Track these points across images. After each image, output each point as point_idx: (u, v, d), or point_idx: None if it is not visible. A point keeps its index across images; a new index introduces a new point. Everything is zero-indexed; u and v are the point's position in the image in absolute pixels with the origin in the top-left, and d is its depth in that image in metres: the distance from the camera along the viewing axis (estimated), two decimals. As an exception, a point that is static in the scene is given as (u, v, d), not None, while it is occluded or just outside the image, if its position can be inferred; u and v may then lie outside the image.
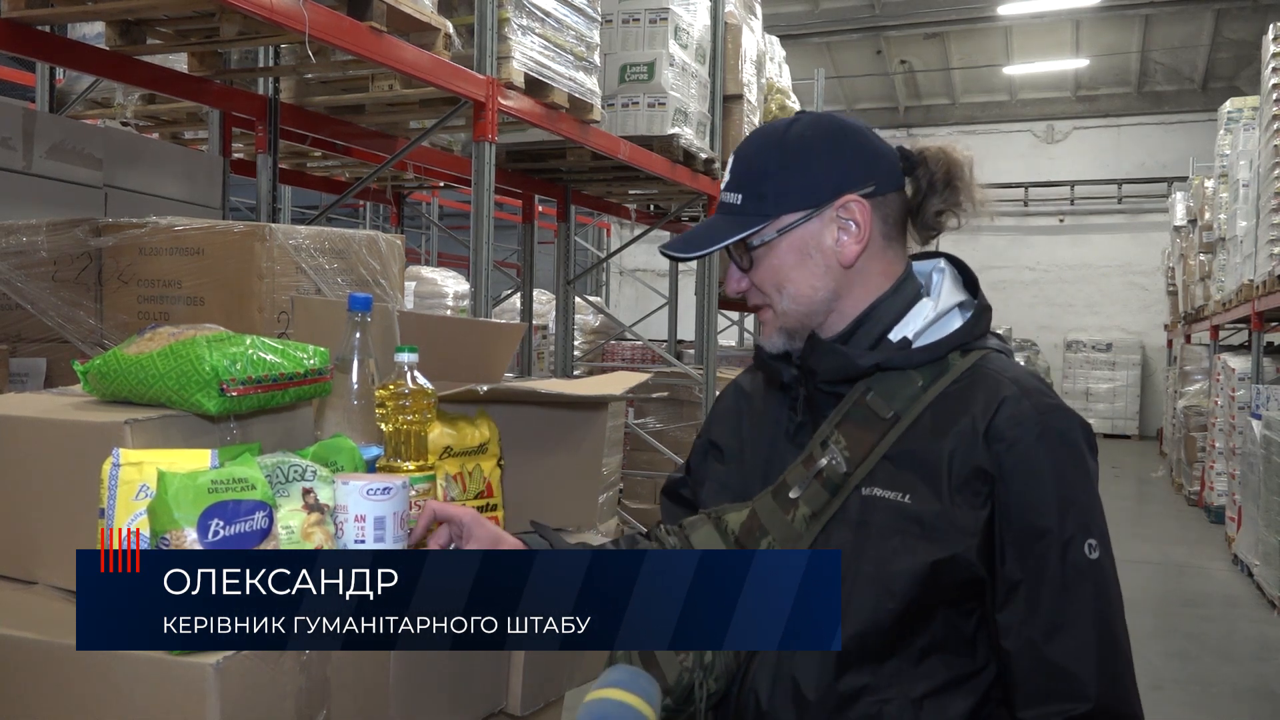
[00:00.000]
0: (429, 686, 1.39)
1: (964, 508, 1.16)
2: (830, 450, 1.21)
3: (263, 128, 4.06)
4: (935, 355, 1.22)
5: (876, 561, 1.17)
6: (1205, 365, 10.47)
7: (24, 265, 2.49)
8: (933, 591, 1.16)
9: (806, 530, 1.20)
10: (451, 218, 13.64)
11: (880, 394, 1.21)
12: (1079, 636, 1.14)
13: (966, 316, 1.26)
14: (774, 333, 1.28)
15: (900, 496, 1.17)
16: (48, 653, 1.16)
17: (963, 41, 15.03)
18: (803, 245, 1.25)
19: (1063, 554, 1.15)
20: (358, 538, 1.31)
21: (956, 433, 1.17)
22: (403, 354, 1.42)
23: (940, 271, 1.30)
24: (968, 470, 1.16)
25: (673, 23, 5.05)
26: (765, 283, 1.27)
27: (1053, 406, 1.19)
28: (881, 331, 1.25)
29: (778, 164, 1.25)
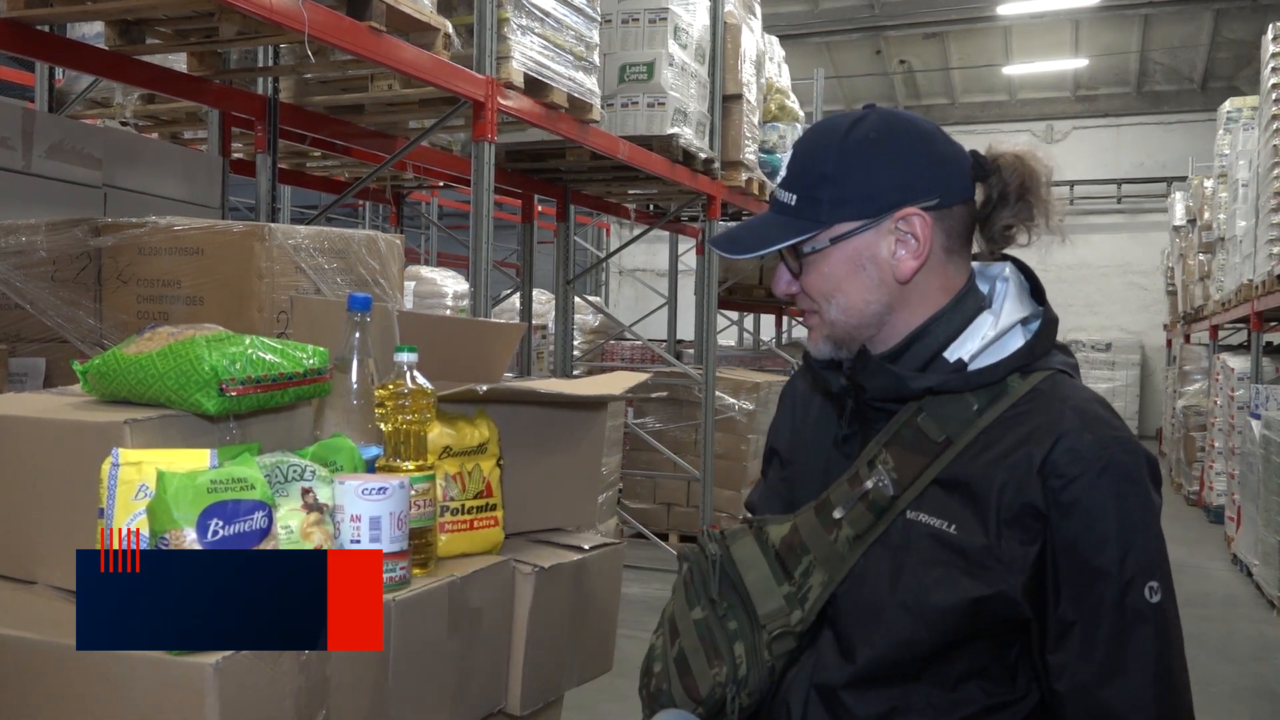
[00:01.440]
0: (428, 686, 1.39)
1: (1012, 543, 1.10)
2: (877, 471, 1.17)
3: (262, 127, 4.05)
4: (992, 379, 1.16)
5: (915, 591, 1.13)
6: (1204, 365, 10.47)
7: (23, 265, 2.48)
8: (972, 625, 1.12)
9: (850, 552, 1.17)
10: (451, 217, 13.64)
11: (932, 416, 1.16)
12: (1137, 682, 1.09)
13: (1030, 333, 1.20)
14: (820, 340, 1.23)
15: (945, 525, 1.12)
16: (47, 652, 1.16)
17: (962, 41, 15.02)
18: (856, 256, 1.19)
19: (1122, 596, 1.09)
20: (354, 537, 1.31)
21: (1010, 464, 1.11)
22: (402, 354, 1.42)
23: (1005, 280, 1.23)
24: (1018, 505, 1.10)
25: (672, 22, 5.05)
26: (814, 290, 1.21)
27: (1116, 440, 1.12)
28: (936, 350, 1.19)
29: (836, 167, 1.18)
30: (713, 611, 1.21)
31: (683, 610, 1.24)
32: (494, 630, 1.52)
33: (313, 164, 5.99)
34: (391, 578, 1.33)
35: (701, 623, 1.22)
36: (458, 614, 1.44)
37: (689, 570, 1.27)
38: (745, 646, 1.18)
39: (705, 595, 1.23)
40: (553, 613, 1.60)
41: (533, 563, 1.57)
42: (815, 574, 1.18)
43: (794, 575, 1.19)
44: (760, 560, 1.21)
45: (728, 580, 1.22)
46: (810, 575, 1.18)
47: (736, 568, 1.22)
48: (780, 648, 1.18)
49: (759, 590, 1.20)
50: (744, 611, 1.20)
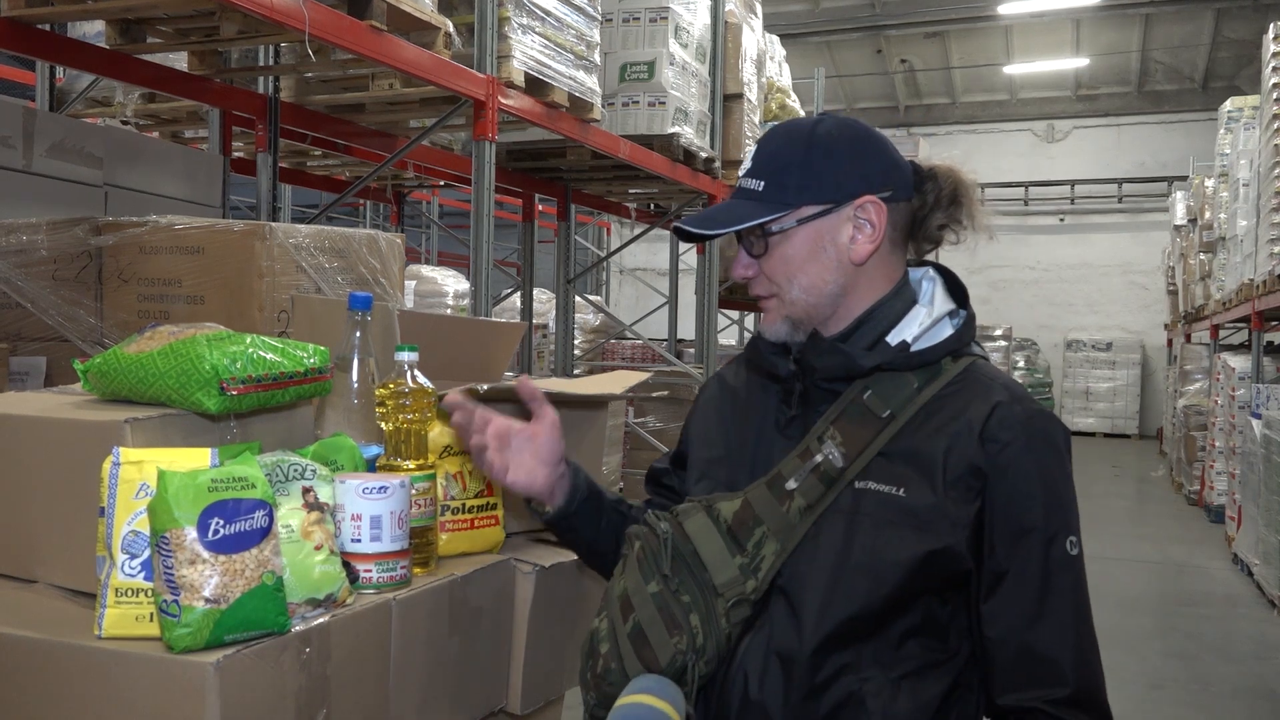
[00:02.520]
0: (429, 685, 1.39)
1: (957, 502, 1.21)
2: (826, 445, 1.26)
3: (263, 126, 4.06)
4: (931, 359, 1.28)
5: (870, 551, 1.22)
6: (1205, 364, 10.47)
7: (24, 264, 2.49)
8: (921, 580, 1.21)
9: (801, 521, 1.25)
10: (451, 216, 13.64)
11: (877, 394, 1.26)
12: (1060, 626, 1.22)
13: (957, 325, 1.32)
14: (778, 321, 1.32)
15: (895, 490, 1.22)
16: (47, 651, 1.16)
17: (963, 41, 15.02)
18: (819, 238, 1.29)
19: (1047, 549, 1.22)
20: (354, 536, 1.31)
21: (952, 432, 1.23)
22: (403, 353, 1.42)
23: (931, 280, 1.36)
24: (962, 467, 1.22)
25: (673, 22, 5.05)
26: (776, 271, 1.30)
27: (1039, 411, 1.26)
28: (880, 333, 1.30)
29: (803, 157, 1.29)
30: (666, 586, 1.26)
31: (637, 585, 1.27)
32: (494, 629, 1.52)
33: (313, 163, 5.99)
34: (392, 577, 1.33)
35: (658, 595, 1.26)
36: (458, 613, 1.44)
37: (641, 548, 1.31)
38: (700, 616, 1.23)
39: (658, 571, 1.27)
40: (553, 612, 1.60)
41: (533, 562, 1.57)
42: (768, 544, 1.25)
43: (746, 547, 1.26)
44: (713, 533, 1.27)
45: (680, 556, 1.27)
46: (763, 546, 1.25)
47: (690, 541, 1.27)
48: (736, 615, 1.24)
49: (714, 561, 1.26)
50: (696, 584, 1.25)
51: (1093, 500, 10.07)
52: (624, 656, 1.25)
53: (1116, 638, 5.31)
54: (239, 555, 1.12)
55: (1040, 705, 1.21)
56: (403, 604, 1.33)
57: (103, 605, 1.15)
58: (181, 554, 1.10)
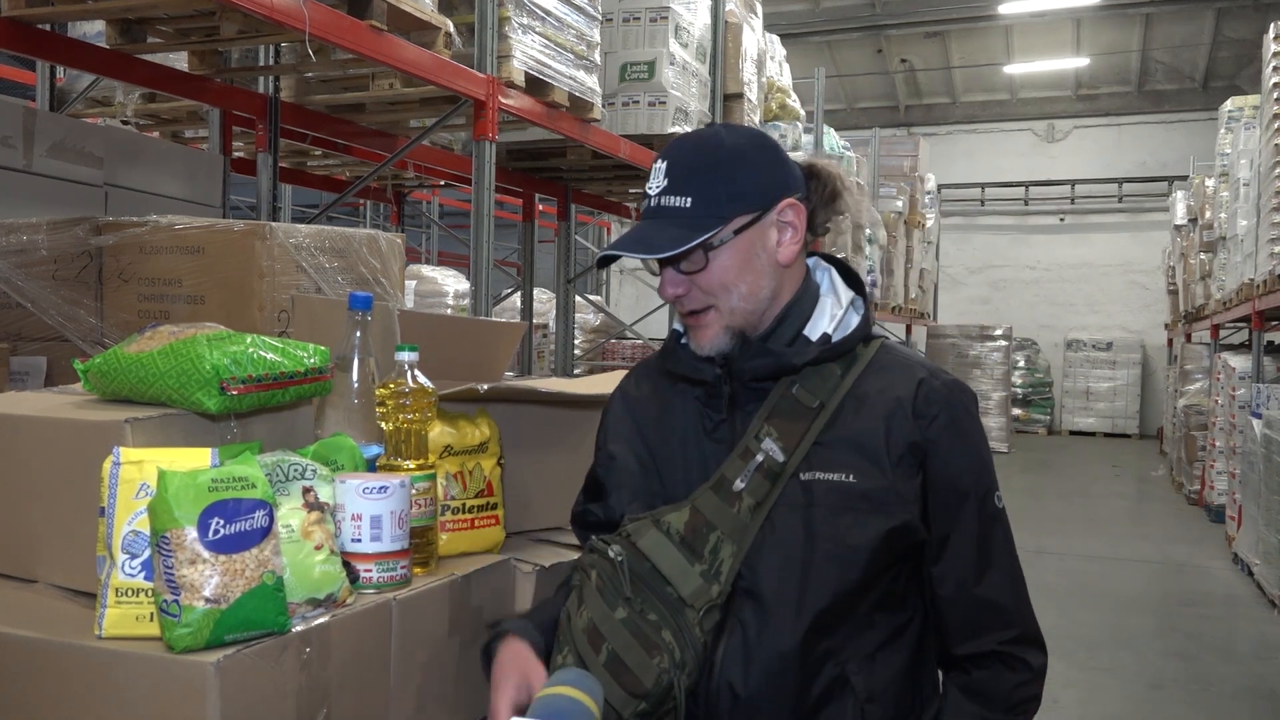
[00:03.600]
0: (429, 685, 1.40)
1: (904, 478, 1.28)
2: (765, 442, 1.29)
3: (263, 126, 4.06)
4: (849, 348, 1.34)
5: (833, 539, 1.26)
6: (1205, 364, 10.46)
7: (24, 264, 2.49)
8: (885, 558, 1.27)
9: (752, 519, 1.27)
10: (452, 216, 13.64)
11: (805, 387, 1.31)
12: (1001, 574, 1.33)
13: (861, 311, 1.38)
14: (719, 333, 1.33)
15: (844, 477, 1.27)
16: (48, 651, 1.16)
17: (963, 40, 15.02)
18: (751, 246, 1.32)
19: (980, 507, 1.32)
20: (354, 536, 1.31)
21: (887, 415, 1.29)
22: (403, 353, 1.42)
23: (825, 269, 1.41)
24: (903, 445, 1.28)
25: (673, 21, 5.05)
26: (713, 284, 1.31)
27: (954, 382, 1.35)
28: (798, 329, 1.35)
29: (726, 169, 1.31)
30: (631, 609, 1.26)
31: (604, 614, 1.27)
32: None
33: (314, 163, 5.99)
34: (392, 577, 1.33)
35: (627, 620, 1.25)
36: (458, 613, 1.44)
37: (599, 576, 1.30)
38: (672, 631, 1.24)
39: (620, 596, 1.27)
40: (553, 612, 1.60)
41: (534, 562, 1.57)
42: (724, 547, 1.26)
43: (703, 554, 1.27)
44: (668, 546, 1.28)
45: (638, 576, 1.27)
46: (720, 549, 1.26)
47: (647, 559, 1.28)
48: (709, 622, 1.25)
49: (676, 573, 1.26)
50: (660, 601, 1.26)
51: (1093, 500, 10.07)
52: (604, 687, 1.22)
53: (1116, 637, 5.31)
54: (239, 555, 1.13)
55: (995, 647, 1.31)
56: (403, 604, 1.33)
57: (103, 605, 1.15)
58: (182, 554, 1.10)
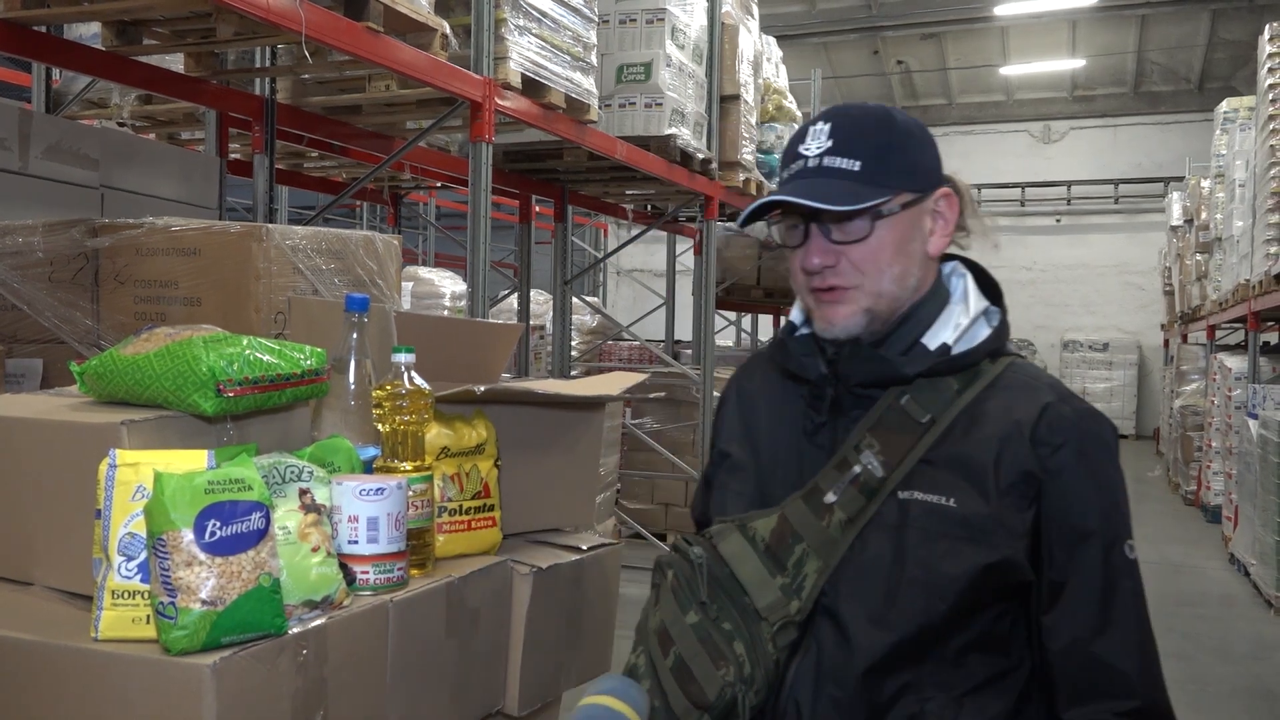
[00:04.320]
0: (426, 687, 1.39)
1: (1011, 510, 1.16)
2: (865, 454, 1.20)
3: (259, 128, 4.05)
4: (972, 362, 1.22)
5: (924, 565, 1.16)
6: (1202, 365, 10.48)
7: (20, 266, 2.48)
8: (980, 593, 1.16)
9: (842, 535, 1.18)
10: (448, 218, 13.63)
11: (916, 398, 1.21)
12: (1124, 635, 1.17)
13: (994, 324, 1.27)
14: (857, 313, 1.22)
15: (944, 500, 1.17)
16: (44, 654, 1.16)
17: (959, 42, 15.02)
18: (911, 227, 1.22)
19: (1106, 555, 1.17)
20: (351, 538, 1.31)
21: (1001, 437, 1.17)
22: (400, 354, 1.42)
23: (961, 276, 1.29)
24: (1016, 474, 1.16)
25: (669, 23, 5.05)
26: (867, 260, 1.20)
27: (1089, 411, 1.21)
28: (916, 336, 1.24)
29: (898, 139, 1.22)
30: (705, 615, 1.20)
31: (675, 617, 1.21)
32: (492, 631, 1.52)
33: (310, 164, 5.98)
34: (389, 578, 1.33)
35: (699, 626, 1.19)
36: (455, 614, 1.44)
37: (674, 576, 1.24)
38: (744, 644, 1.17)
39: (695, 599, 1.21)
40: (550, 613, 1.60)
41: (530, 563, 1.57)
42: (809, 561, 1.19)
43: (786, 566, 1.19)
44: (751, 554, 1.21)
45: (716, 582, 1.21)
46: (804, 564, 1.19)
47: (727, 565, 1.21)
48: (783, 639, 1.18)
49: (755, 584, 1.19)
50: (736, 610, 1.19)
51: (1090, 501, 10.07)
52: (668, 693, 1.18)
53: (1113, 638, 5.30)
54: (236, 557, 1.12)
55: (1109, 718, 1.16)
56: (400, 606, 1.33)
57: (99, 607, 1.15)
58: (178, 556, 1.10)
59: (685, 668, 1.18)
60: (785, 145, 1.28)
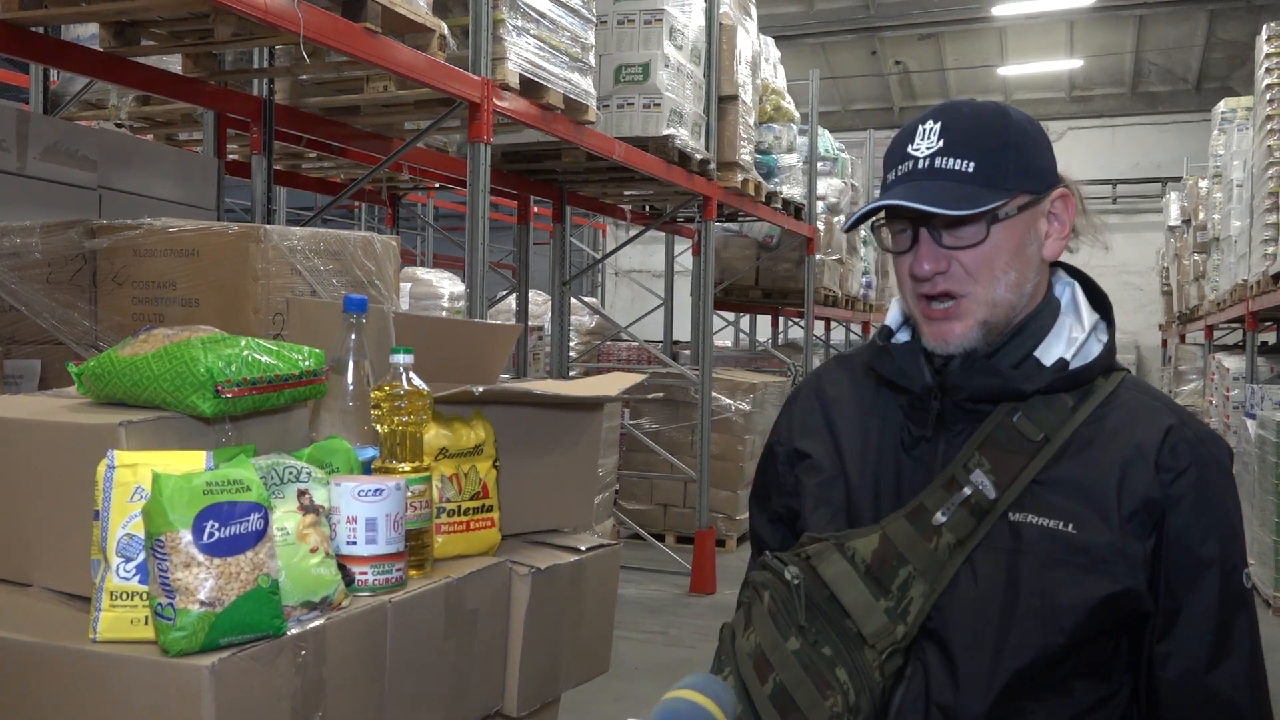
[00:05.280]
0: (424, 688, 1.39)
1: (1133, 538, 1.12)
2: (975, 474, 1.14)
3: (257, 129, 4.05)
4: (1088, 379, 1.17)
5: (1040, 594, 1.11)
6: (1200, 365, 10.49)
7: (18, 267, 2.48)
8: (1099, 624, 1.12)
9: (950, 559, 1.14)
10: (447, 219, 13.63)
11: (1029, 416, 1.15)
12: (1239, 667, 1.13)
13: (1104, 340, 1.22)
14: (973, 327, 1.16)
15: (1062, 525, 1.12)
16: (42, 655, 1.16)
17: (957, 42, 15.04)
18: (1027, 230, 1.17)
19: (1225, 584, 1.13)
20: (349, 539, 1.30)
21: (1123, 460, 1.13)
22: (398, 355, 1.42)
23: (1067, 285, 1.24)
24: (1139, 500, 1.12)
25: (668, 24, 5.05)
26: (980, 266, 1.15)
27: (1209, 434, 1.17)
28: (1029, 349, 1.18)
29: (1015, 138, 1.17)
30: (805, 640, 1.14)
31: (775, 643, 1.15)
32: (490, 632, 1.52)
33: (308, 165, 5.99)
34: (388, 579, 1.33)
35: (800, 653, 1.13)
36: (454, 615, 1.44)
37: (771, 598, 1.17)
38: (847, 671, 1.12)
39: (793, 624, 1.15)
40: (549, 614, 1.60)
41: (529, 564, 1.57)
42: (915, 585, 1.13)
43: (890, 589, 1.14)
44: (852, 576, 1.15)
45: (813, 604, 1.15)
46: (910, 587, 1.14)
47: (827, 587, 1.16)
48: (891, 667, 1.13)
49: (858, 608, 1.14)
50: (837, 634, 1.14)
51: (1088, 501, 10.07)
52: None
53: (1112, 638, 5.30)
54: (234, 558, 1.12)
55: None
56: (398, 607, 1.33)
57: (97, 608, 1.15)
58: (176, 557, 1.10)
59: (787, 696, 1.12)
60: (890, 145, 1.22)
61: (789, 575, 1.17)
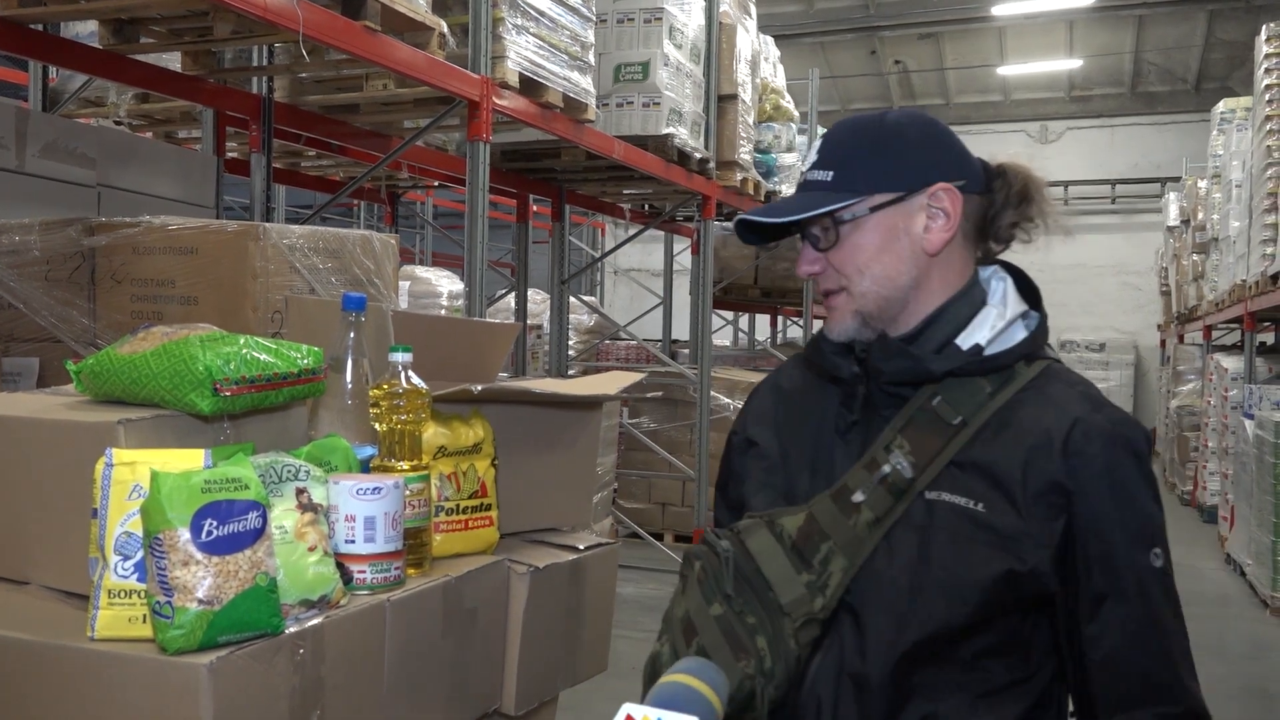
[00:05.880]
0: (422, 686, 1.39)
1: (1040, 520, 1.16)
2: (894, 455, 1.20)
3: (257, 127, 4.05)
4: (1005, 364, 1.23)
5: (947, 567, 1.17)
6: (1198, 365, 10.50)
7: (17, 264, 2.48)
8: (1002, 599, 1.17)
9: (869, 535, 1.19)
10: (446, 217, 13.62)
11: (947, 399, 1.21)
12: (1166, 644, 1.18)
13: (1030, 327, 1.27)
14: (847, 316, 1.26)
15: (972, 504, 1.17)
16: (40, 653, 1.16)
17: (957, 42, 15.03)
18: (892, 227, 1.24)
19: (1143, 566, 1.18)
20: (348, 538, 1.31)
21: (1032, 444, 1.18)
22: (397, 354, 1.42)
23: (1001, 279, 1.30)
24: (1044, 483, 1.17)
25: (667, 22, 5.05)
26: (846, 263, 1.25)
27: (1124, 419, 1.21)
28: (949, 335, 1.25)
29: (873, 146, 1.25)
30: (729, 607, 1.20)
31: (700, 608, 1.22)
32: (489, 630, 1.52)
33: (307, 163, 5.98)
34: (386, 578, 1.33)
35: (721, 618, 1.20)
36: (452, 614, 1.44)
37: (701, 568, 1.24)
38: (766, 639, 1.18)
39: (720, 592, 1.21)
40: (547, 613, 1.60)
41: (527, 563, 1.57)
42: (835, 560, 1.19)
43: (812, 563, 1.20)
44: (777, 551, 1.21)
45: (742, 576, 1.22)
46: (830, 561, 1.19)
47: (754, 560, 1.22)
48: (806, 636, 1.18)
49: (780, 580, 1.20)
50: (761, 605, 1.20)
51: (1086, 500, 10.08)
52: None
53: (1110, 638, 5.31)
54: (232, 556, 1.12)
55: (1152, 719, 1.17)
56: (397, 605, 1.33)
57: (95, 607, 1.15)
58: (175, 555, 1.10)
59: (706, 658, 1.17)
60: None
61: (721, 549, 1.23)
